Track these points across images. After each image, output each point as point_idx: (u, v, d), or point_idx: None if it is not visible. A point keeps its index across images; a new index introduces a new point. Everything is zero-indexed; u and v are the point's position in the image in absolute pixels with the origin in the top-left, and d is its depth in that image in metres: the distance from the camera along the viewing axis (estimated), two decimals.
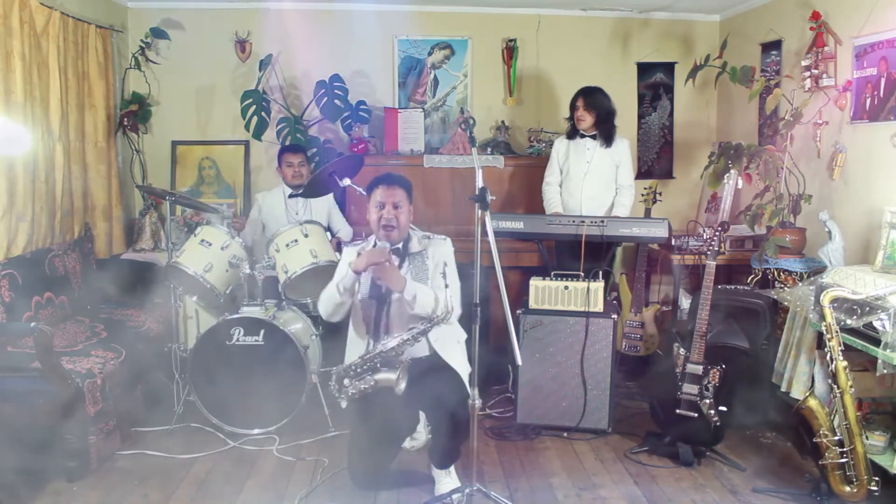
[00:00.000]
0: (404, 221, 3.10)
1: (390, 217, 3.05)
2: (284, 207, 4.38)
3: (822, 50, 3.92)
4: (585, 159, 4.31)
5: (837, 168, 3.84)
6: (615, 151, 4.31)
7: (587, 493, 3.13)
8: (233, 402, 3.61)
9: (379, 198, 3.08)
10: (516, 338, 2.65)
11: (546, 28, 5.26)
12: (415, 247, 3.16)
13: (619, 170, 4.33)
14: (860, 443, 2.83)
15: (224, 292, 3.82)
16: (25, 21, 3.65)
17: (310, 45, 5.09)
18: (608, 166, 4.31)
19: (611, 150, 4.30)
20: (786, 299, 3.49)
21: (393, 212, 3.05)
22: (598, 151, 4.30)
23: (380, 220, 3.06)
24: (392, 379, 2.88)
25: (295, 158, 4.34)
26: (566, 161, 4.38)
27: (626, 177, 4.34)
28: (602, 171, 4.30)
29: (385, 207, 3.06)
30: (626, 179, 4.34)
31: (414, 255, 3.14)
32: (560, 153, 4.42)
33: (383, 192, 3.07)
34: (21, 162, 3.66)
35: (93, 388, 3.20)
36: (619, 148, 4.33)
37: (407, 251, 3.13)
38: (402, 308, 3.03)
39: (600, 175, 4.30)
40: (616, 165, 4.33)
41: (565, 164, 4.39)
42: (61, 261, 3.98)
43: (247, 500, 3.06)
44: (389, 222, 3.04)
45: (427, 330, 2.95)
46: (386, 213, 3.05)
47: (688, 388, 3.37)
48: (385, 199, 3.07)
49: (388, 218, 3.04)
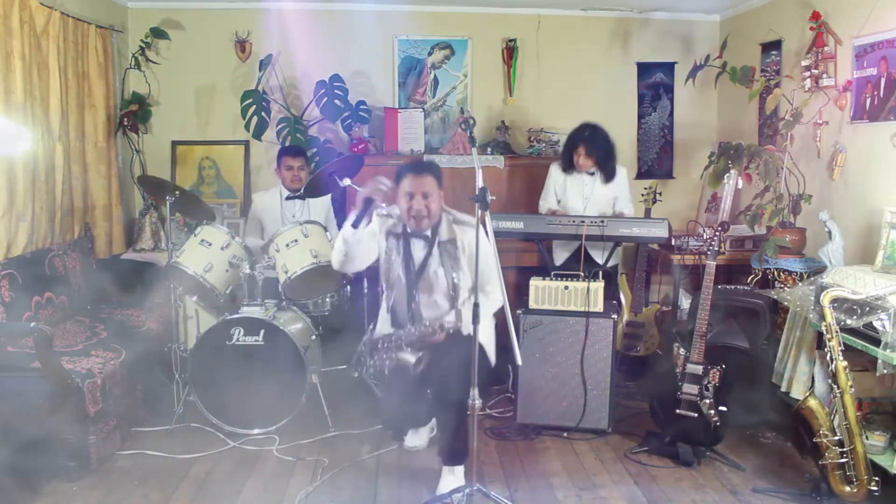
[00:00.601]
0: (436, 209, 3.03)
1: (420, 208, 2.98)
2: (281, 208, 4.37)
3: (822, 50, 3.92)
4: (584, 195, 4.25)
5: (837, 168, 3.84)
6: (614, 185, 4.24)
7: (587, 493, 3.13)
8: (233, 402, 3.61)
9: (407, 188, 3.00)
10: (516, 338, 2.65)
11: (546, 28, 5.26)
12: (444, 234, 3.09)
13: (618, 201, 4.27)
14: (860, 443, 2.83)
15: (224, 292, 3.82)
16: (25, 21, 3.65)
17: (310, 45, 5.08)
18: (606, 199, 4.25)
19: (609, 183, 4.23)
20: (786, 299, 3.49)
21: (423, 202, 2.98)
22: (598, 185, 4.23)
23: (409, 211, 2.98)
24: (410, 362, 2.89)
25: (295, 162, 4.32)
26: (563, 193, 4.30)
27: (624, 205, 4.27)
28: (600, 204, 4.25)
29: (415, 198, 2.98)
30: (626, 207, 4.27)
31: (444, 243, 3.07)
32: (557, 183, 4.32)
33: (412, 181, 3.00)
34: (21, 162, 3.66)
35: (93, 388, 3.20)
36: (617, 181, 4.25)
37: (436, 238, 3.05)
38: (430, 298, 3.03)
39: (598, 208, 4.24)
40: (615, 197, 4.26)
41: (563, 195, 4.31)
42: (61, 261, 3.98)
43: (247, 500, 3.06)
44: (420, 213, 2.98)
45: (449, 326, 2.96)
46: (416, 204, 2.98)
47: (688, 388, 3.37)
48: (414, 188, 2.99)
49: (417, 209, 2.97)
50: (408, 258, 3.08)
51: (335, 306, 4.08)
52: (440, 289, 3.11)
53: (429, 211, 2.99)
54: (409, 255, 3.09)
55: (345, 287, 4.23)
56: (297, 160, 4.34)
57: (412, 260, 3.09)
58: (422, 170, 3.04)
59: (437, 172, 3.08)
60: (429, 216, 3.00)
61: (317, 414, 3.69)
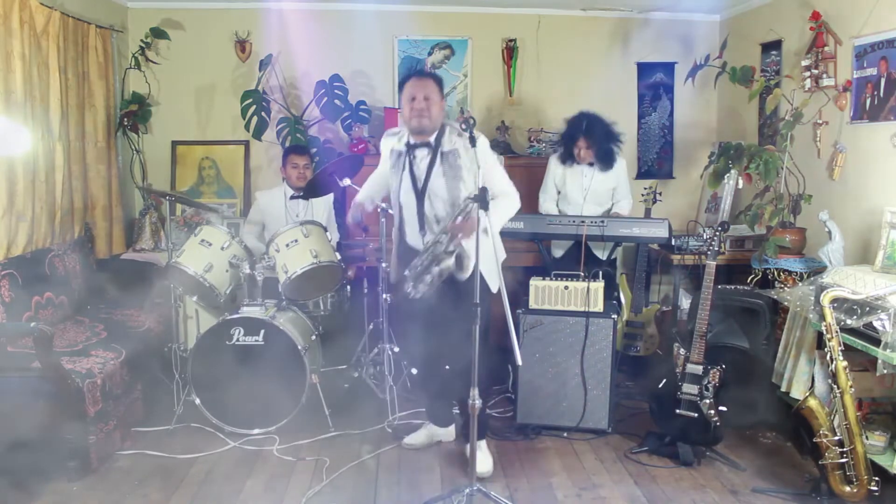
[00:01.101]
0: (436, 113, 3.09)
1: (422, 107, 3.04)
2: (285, 208, 4.37)
3: (822, 50, 3.92)
4: (584, 186, 4.27)
5: (837, 168, 3.84)
6: (613, 175, 4.27)
7: (587, 493, 3.13)
8: (233, 402, 3.61)
9: (409, 91, 3.08)
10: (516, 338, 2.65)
11: (546, 28, 5.27)
12: (446, 145, 3.12)
13: (617, 191, 4.30)
14: (860, 443, 2.83)
15: (224, 292, 3.82)
16: (25, 21, 3.65)
17: (310, 45, 5.08)
18: (606, 189, 4.29)
19: (608, 174, 4.25)
20: (786, 299, 3.49)
21: (424, 102, 3.04)
22: (597, 178, 4.25)
23: (411, 112, 3.05)
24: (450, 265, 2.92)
25: (301, 160, 4.34)
26: (563, 184, 4.33)
27: (623, 195, 4.31)
28: (600, 195, 4.28)
29: (416, 99, 3.05)
30: (625, 197, 4.31)
31: (446, 153, 3.11)
32: (556, 175, 4.36)
33: (413, 84, 3.09)
34: (21, 162, 3.66)
35: (93, 388, 3.20)
36: (616, 170, 4.27)
37: (439, 147, 3.10)
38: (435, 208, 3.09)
39: (598, 198, 4.28)
40: (613, 188, 4.30)
41: (563, 186, 4.34)
42: (61, 261, 3.97)
43: (247, 500, 3.06)
44: (421, 112, 3.03)
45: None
46: (417, 104, 3.04)
47: (688, 388, 3.37)
48: (416, 91, 3.07)
49: (419, 108, 3.04)
50: (413, 170, 3.13)
51: (335, 306, 4.09)
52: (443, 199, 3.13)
53: (430, 112, 3.05)
54: (414, 168, 3.13)
55: (345, 287, 4.23)
56: (303, 159, 4.35)
57: (417, 171, 3.13)
58: (423, 75, 3.18)
59: (439, 80, 3.17)
60: (429, 117, 3.05)
61: (317, 414, 3.69)
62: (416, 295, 2.98)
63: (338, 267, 3.82)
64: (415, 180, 3.11)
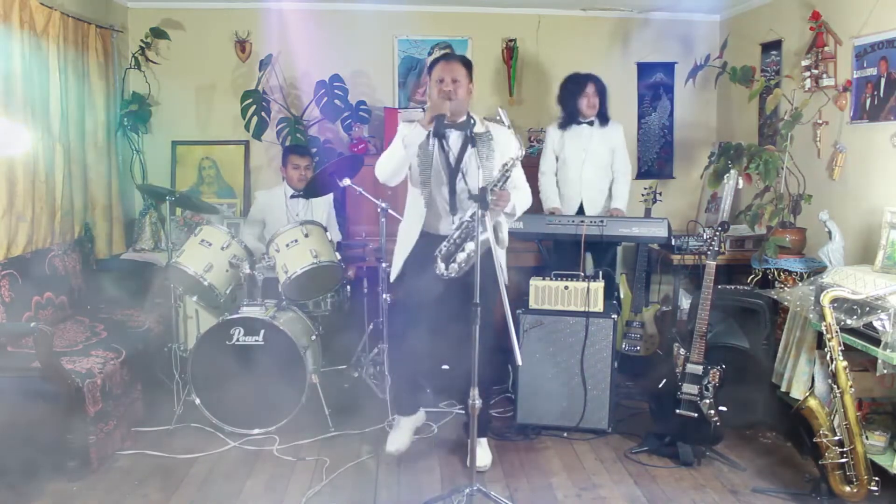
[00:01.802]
0: (463, 95, 3.11)
1: (449, 89, 3.06)
2: (285, 207, 4.37)
3: (822, 50, 3.92)
4: (582, 146, 4.31)
5: (837, 168, 3.84)
6: (611, 137, 4.33)
7: (587, 493, 3.13)
8: (232, 401, 3.61)
9: (438, 73, 3.11)
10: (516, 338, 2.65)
11: (546, 28, 5.27)
12: (479, 128, 3.17)
13: (616, 155, 4.35)
14: (860, 443, 2.83)
15: (224, 292, 3.82)
16: (25, 21, 3.65)
17: (310, 45, 5.08)
18: (605, 151, 4.33)
19: (607, 136, 4.31)
20: (786, 299, 3.49)
21: (451, 85, 3.07)
22: (596, 137, 4.31)
23: (439, 94, 3.06)
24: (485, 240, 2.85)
25: (302, 161, 4.35)
26: (562, 150, 4.37)
27: (622, 162, 4.37)
28: (599, 157, 4.31)
29: (444, 81, 3.08)
30: (624, 165, 4.37)
31: (480, 135, 3.14)
32: (555, 142, 4.41)
33: (442, 67, 3.12)
34: (21, 162, 3.66)
35: (93, 388, 3.20)
36: (614, 133, 4.35)
37: (472, 131, 3.10)
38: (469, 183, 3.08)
39: (597, 161, 4.31)
40: (612, 150, 4.34)
41: (561, 152, 4.38)
42: (61, 261, 3.97)
43: (247, 500, 3.06)
44: (448, 94, 3.05)
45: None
46: (444, 87, 3.07)
47: (688, 388, 3.37)
48: (444, 74, 3.09)
49: (446, 91, 3.06)
50: (447, 151, 3.14)
51: (335, 306, 4.09)
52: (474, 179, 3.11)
53: (457, 94, 3.07)
54: (447, 148, 3.14)
55: (345, 287, 4.24)
56: (305, 159, 4.36)
57: (451, 152, 3.14)
58: (452, 58, 3.18)
59: (469, 64, 3.18)
60: (456, 99, 3.07)
61: (317, 414, 3.69)
62: (448, 274, 3.00)
63: (338, 267, 3.82)
64: (448, 160, 3.12)
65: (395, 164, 3.11)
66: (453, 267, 3.00)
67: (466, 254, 2.98)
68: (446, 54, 3.20)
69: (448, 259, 3.02)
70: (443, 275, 3.02)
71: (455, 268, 3.00)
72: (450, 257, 3.02)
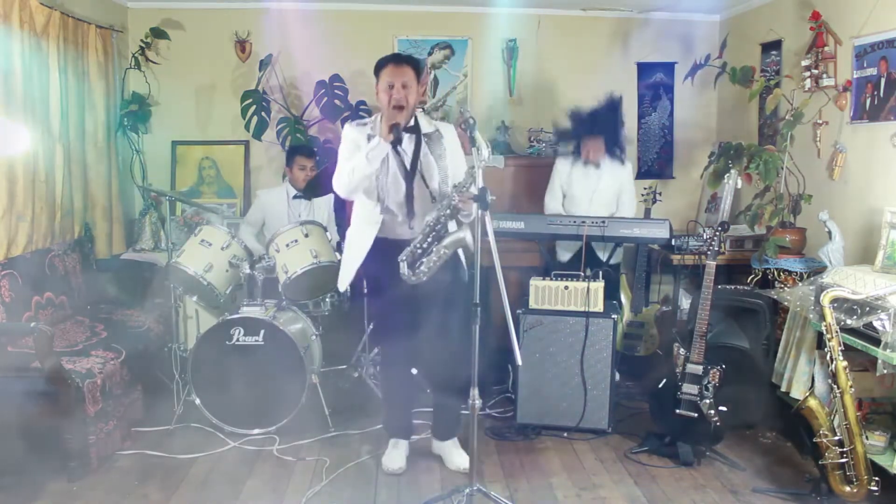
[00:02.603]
0: (413, 101, 3.04)
1: (399, 97, 2.98)
2: (287, 207, 4.38)
3: (822, 50, 3.92)
4: (591, 187, 4.23)
5: (837, 168, 3.84)
6: (619, 178, 4.23)
7: (587, 493, 3.13)
8: (232, 401, 3.61)
9: (387, 78, 3.01)
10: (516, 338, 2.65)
11: (546, 28, 5.26)
12: (426, 126, 3.12)
13: (622, 196, 4.26)
14: (860, 443, 2.83)
15: (224, 292, 3.82)
16: (25, 21, 3.65)
17: (310, 45, 5.08)
18: (612, 192, 4.25)
19: (616, 177, 4.22)
20: (786, 299, 3.49)
21: (402, 91, 2.99)
22: (605, 178, 4.21)
23: (389, 102, 2.99)
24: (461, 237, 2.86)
25: (308, 162, 4.36)
26: (570, 187, 4.29)
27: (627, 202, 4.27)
28: (606, 197, 4.25)
29: (394, 87, 3.00)
30: (628, 204, 4.27)
31: (429, 135, 3.10)
32: (563, 175, 4.30)
33: (391, 71, 3.02)
34: (21, 162, 3.66)
35: (93, 388, 3.20)
36: (623, 174, 4.24)
37: (420, 131, 3.07)
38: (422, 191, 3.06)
39: (604, 200, 4.24)
40: (619, 192, 4.26)
41: (569, 189, 4.30)
42: (61, 261, 3.97)
43: (247, 500, 3.06)
44: (399, 102, 2.97)
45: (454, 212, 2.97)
46: (395, 94, 2.99)
47: (688, 388, 3.37)
48: (394, 78, 2.99)
49: (397, 98, 2.98)
50: (401, 155, 3.08)
51: (335, 306, 4.09)
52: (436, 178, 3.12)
53: (407, 101, 3.01)
54: (401, 153, 3.08)
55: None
56: (310, 161, 4.38)
57: (405, 156, 3.09)
58: (401, 61, 3.05)
59: (417, 65, 3.10)
60: (407, 107, 3.01)
61: (317, 414, 3.69)
62: (416, 280, 2.96)
63: (338, 267, 3.81)
64: (403, 164, 3.07)
65: (360, 179, 3.00)
66: (421, 271, 2.95)
67: (435, 257, 2.93)
68: (395, 55, 3.11)
69: (414, 264, 2.97)
70: (409, 280, 2.97)
71: (423, 272, 2.95)
72: (416, 262, 2.97)
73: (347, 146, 3.09)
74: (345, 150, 3.09)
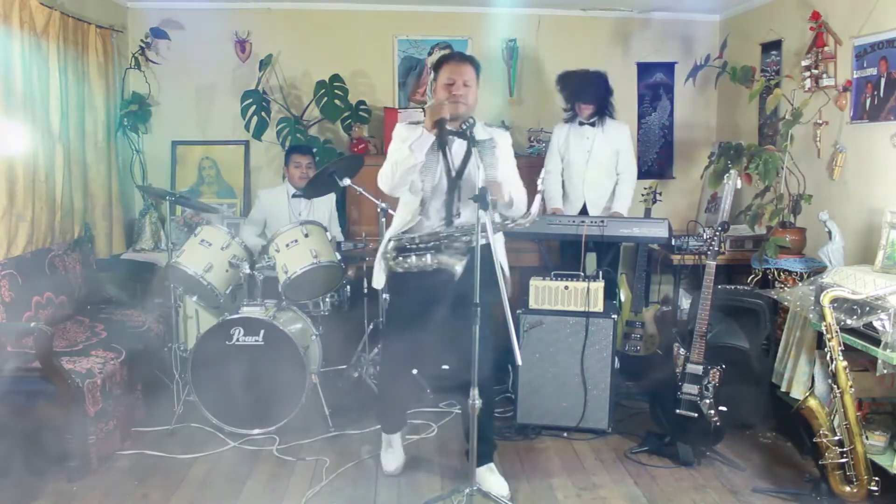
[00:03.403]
0: (472, 101, 2.95)
1: (460, 93, 2.88)
2: (287, 207, 4.39)
3: (822, 50, 3.92)
4: (586, 148, 4.30)
5: (837, 168, 3.84)
6: (616, 138, 4.31)
7: (587, 493, 3.13)
8: (233, 402, 3.60)
9: (448, 74, 2.92)
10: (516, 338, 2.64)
11: (546, 28, 5.26)
12: (481, 133, 3.00)
13: (620, 157, 4.33)
14: (860, 443, 2.83)
15: (224, 292, 3.82)
16: (25, 21, 3.65)
17: (310, 45, 5.10)
18: (609, 153, 4.31)
19: (611, 137, 4.29)
20: (786, 299, 3.49)
21: (462, 89, 2.91)
22: (599, 139, 4.29)
23: (449, 98, 2.88)
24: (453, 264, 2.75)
25: (304, 160, 4.38)
26: (567, 150, 4.36)
27: (626, 163, 4.34)
28: (603, 159, 4.29)
29: (455, 84, 2.91)
30: (628, 166, 4.34)
31: (482, 142, 2.96)
32: (560, 140, 4.40)
33: (452, 68, 2.93)
34: (21, 162, 3.66)
35: (93, 388, 3.20)
36: (619, 134, 4.32)
37: (473, 137, 2.91)
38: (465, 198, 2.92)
39: (601, 163, 4.29)
40: (617, 152, 4.32)
41: (566, 152, 4.37)
42: (61, 261, 3.97)
43: (247, 500, 3.06)
44: (459, 98, 2.88)
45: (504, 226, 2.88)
46: (455, 90, 2.90)
47: (688, 388, 3.37)
48: (454, 75, 2.91)
49: (457, 94, 2.89)
50: (449, 160, 2.94)
51: (335, 306, 4.09)
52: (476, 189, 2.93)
53: (467, 99, 2.92)
54: (449, 157, 2.95)
55: (345, 287, 4.23)
56: (306, 158, 4.39)
57: (452, 160, 2.95)
58: (463, 59, 2.99)
59: (478, 65, 3.02)
60: (467, 104, 2.92)
61: (317, 414, 3.69)
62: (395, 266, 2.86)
63: (338, 267, 3.82)
64: (449, 169, 2.94)
65: (403, 172, 2.86)
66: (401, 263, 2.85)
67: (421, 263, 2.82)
68: (457, 53, 3.01)
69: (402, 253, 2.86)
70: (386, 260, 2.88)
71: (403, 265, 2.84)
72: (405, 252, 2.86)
73: (396, 144, 2.96)
74: (393, 147, 2.98)
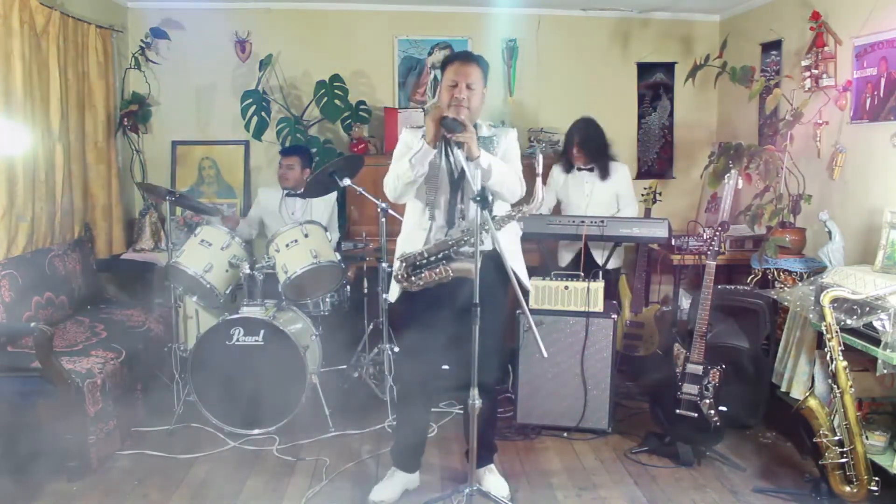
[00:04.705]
0: (476, 105, 2.85)
1: (462, 97, 2.78)
2: (280, 206, 4.43)
3: (822, 50, 3.92)
4: (585, 193, 4.27)
5: (837, 168, 3.84)
6: (614, 182, 4.26)
7: (587, 493, 3.13)
8: (233, 402, 3.61)
9: (452, 76, 2.82)
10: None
11: (546, 28, 5.26)
12: (484, 132, 2.95)
13: (620, 199, 4.29)
14: (860, 443, 2.83)
15: (224, 292, 3.83)
16: (25, 21, 3.65)
17: (310, 45, 5.10)
18: (609, 197, 4.28)
19: (610, 181, 4.25)
20: (786, 299, 3.49)
21: (466, 91, 2.80)
22: (598, 185, 4.26)
23: (451, 101, 2.80)
24: (469, 269, 2.67)
25: (286, 160, 4.43)
26: (566, 193, 4.34)
27: (626, 205, 4.28)
28: (603, 203, 4.27)
29: (458, 86, 2.83)
30: (627, 207, 4.28)
31: (484, 139, 2.90)
32: (558, 183, 4.38)
33: (457, 69, 2.83)
34: (21, 162, 3.66)
35: (93, 388, 3.20)
36: (618, 177, 4.28)
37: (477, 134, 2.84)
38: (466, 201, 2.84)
39: (601, 207, 4.26)
40: (616, 195, 4.28)
41: (565, 196, 4.35)
42: (61, 261, 3.97)
43: (247, 500, 3.06)
44: (461, 102, 2.80)
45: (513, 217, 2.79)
46: (458, 93, 2.79)
47: (688, 388, 3.37)
48: (458, 77, 2.81)
49: (459, 98, 2.78)
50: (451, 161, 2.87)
51: (335, 306, 4.09)
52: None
53: (470, 102, 2.84)
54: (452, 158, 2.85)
55: (345, 287, 4.23)
56: (289, 158, 4.44)
57: (455, 162, 2.85)
58: (469, 59, 2.89)
59: (485, 66, 2.92)
60: (469, 107, 2.83)
61: (317, 414, 3.69)
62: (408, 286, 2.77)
63: (338, 267, 3.82)
64: (451, 170, 2.88)
65: (404, 186, 2.81)
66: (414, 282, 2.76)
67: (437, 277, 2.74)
68: (463, 53, 2.91)
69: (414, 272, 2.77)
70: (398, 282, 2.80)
71: (417, 284, 2.76)
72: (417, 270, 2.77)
73: (400, 149, 2.91)
74: (397, 153, 2.92)
